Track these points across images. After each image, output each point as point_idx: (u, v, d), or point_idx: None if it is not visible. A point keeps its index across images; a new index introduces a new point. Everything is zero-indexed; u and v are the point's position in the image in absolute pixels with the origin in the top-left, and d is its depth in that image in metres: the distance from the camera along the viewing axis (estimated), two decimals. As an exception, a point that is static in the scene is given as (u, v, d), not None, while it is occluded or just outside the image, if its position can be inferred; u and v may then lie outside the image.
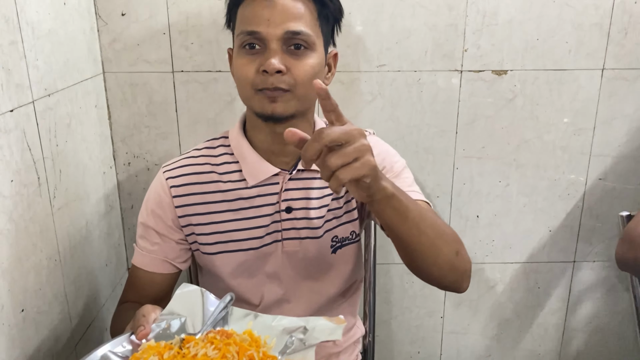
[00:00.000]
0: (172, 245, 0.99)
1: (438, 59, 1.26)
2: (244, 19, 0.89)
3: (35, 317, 0.93)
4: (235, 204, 0.97)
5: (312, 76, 0.89)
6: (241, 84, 0.91)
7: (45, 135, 0.96)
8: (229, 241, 0.98)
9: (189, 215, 0.97)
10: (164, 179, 0.98)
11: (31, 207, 0.92)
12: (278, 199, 0.97)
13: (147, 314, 0.77)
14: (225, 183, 0.97)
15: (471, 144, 1.32)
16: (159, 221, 0.98)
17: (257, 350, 0.73)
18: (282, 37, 0.86)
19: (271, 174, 0.96)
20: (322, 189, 0.99)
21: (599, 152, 1.34)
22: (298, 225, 0.98)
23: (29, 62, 0.91)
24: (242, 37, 0.88)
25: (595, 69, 1.27)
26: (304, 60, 0.88)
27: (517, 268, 1.44)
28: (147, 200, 1.00)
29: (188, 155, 1.01)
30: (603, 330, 1.50)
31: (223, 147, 1.00)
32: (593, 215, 1.39)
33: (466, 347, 1.51)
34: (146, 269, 1.00)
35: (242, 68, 0.89)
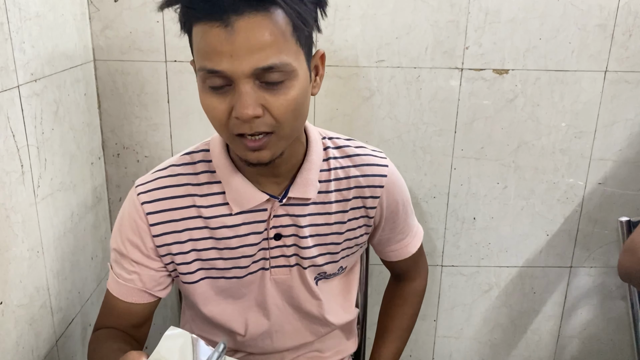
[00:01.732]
0: (150, 274, 0.88)
1: (438, 56, 1.23)
2: (201, 51, 0.71)
3: (15, 311, 0.90)
4: (218, 232, 0.86)
5: (295, 109, 0.73)
6: (215, 126, 0.76)
7: (30, 121, 0.93)
8: (211, 268, 0.89)
9: (167, 244, 0.86)
10: (139, 204, 0.85)
11: (13, 196, 0.88)
12: (266, 227, 0.87)
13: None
14: (207, 209, 0.85)
15: (470, 144, 1.30)
16: (135, 250, 0.86)
17: None
18: (252, 74, 0.69)
19: (259, 202, 0.84)
20: (314, 215, 0.89)
21: (600, 156, 1.31)
22: (288, 253, 0.90)
23: (14, 45, 0.88)
24: (204, 74, 0.71)
25: (598, 71, 1.25)
26: (285, 95, 0.71)
27: (513, 272, 1.41)
28: (120, 225, 0.87)
29: (165, 173, 0.87)
30: (598, 338, 1.48)
31: (204, 164, 0.86)
32: (591, 220, 1.37)
33: (459, 352, 1.49)
34: (123, 299, 0.89)
35: (212, 111, 0.73)
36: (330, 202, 0.89)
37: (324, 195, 0.88)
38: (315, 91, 0.80)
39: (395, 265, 1.05)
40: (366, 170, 0.90)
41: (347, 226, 0.91)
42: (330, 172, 0.89)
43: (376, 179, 0.90)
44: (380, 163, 0.92)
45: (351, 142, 0.92)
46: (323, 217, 0.89)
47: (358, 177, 0.90)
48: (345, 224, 0.91)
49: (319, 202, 0.88)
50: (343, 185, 0.89)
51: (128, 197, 0.87)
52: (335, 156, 0.90)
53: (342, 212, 0.90)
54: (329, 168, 0.89)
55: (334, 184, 0.89)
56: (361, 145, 0.93)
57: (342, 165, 0.90)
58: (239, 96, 0.70)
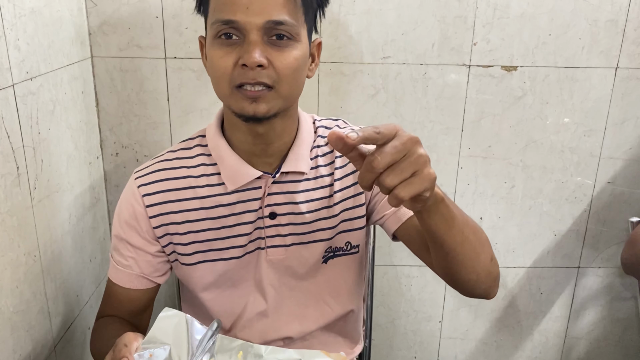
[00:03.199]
0: (148, 259, 0.91)
1: (445, 53, 1.20)
2: (218, 5, 0.79)
3: (12, 317, 0.87)
4: (214, 211, 0.89)
5: (297, 70, 0.80)
6: (217, 79, 0.81)
7: (26, 121, 0.90)
8: (208, 250, 0.91)
9: (164, 224, 0.89)
10: (135, 187, 0.89)
11: (9, 199, 0.85)
12: (261, 205, 0.89)
13: (129, 343, 0.70)
14: (203, 188, 0.89)
15: (477, 142, 1.27)
16: (133, 233, 0.90)
17: None
18: (263, 27, 0.76)
19: (252, 178, 0.87)
20: (308, 191, 0.91)
21: (609, 154, 1.29)
22: (283, 232, 0.91)
23: (8, 42, 0.85)
24: (217, 26, 0.78)
25: (609, 68, 1.22)
26: (288, 53, 0.79)
27: (520, 273, 1.39)
28: (118, 210, 0.91)
29: (161, 158, 0.92)
30: (606, 339, 1.46)
31: (200, 147, 0.91)
32: (600, 220, 1.34)
33: (464, 353, 1.47)
34: (122, 285, 0.92)
35: (218, 61, 0.79)
36: (323, 175, 0.92)
37: (315, 170, 0.91)
38: (311, 74, 0.87)
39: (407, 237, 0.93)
40: None
41: (339, 196, 0.92)
42: (318, 149, 0.92)
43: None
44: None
45: (338, 121, 0.97)
46: (318, 192, 0.91)
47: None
48: (336, 195, 0.92)
49: (312, 177, 0.91)
50: (328, 159, 0.93)
51: (126, 186, 0.92)
52: (320, 134, 0.94)
53: (330, 185, 0.92)
54: (317, 145, 0.93)
55: (320, 159, 0.92)
56: (344, 121, 0.97)
57: (326, 142, 0.93)
58: (248, 45, 0.77)
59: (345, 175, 0.93)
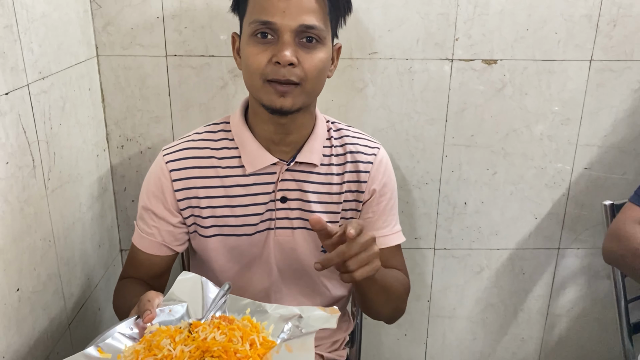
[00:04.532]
0: (169, 229, 1.01)
1: (429, 48, 1.27)
2: (257, 7, 0.88)
3: (30, 297, 0.95)
4: (232, 190, 0.99)
5: (321, 70, 0.90)
6: (250, 73, 0.90)
7: (39, 118, 0.98)
8: (224, 225, 1.00)
9: (188, 198, 0.99)
10: (163, 163, 0.99)
11: (26, 189, 0.93)
12: (274, 189, 0.99)
13: (152, 299, 0.80)
14: (224, 169, 0.99)
15: (460, 132, 1.34)
16: (158, 204, 1.00)
17: (258, 335, 0.77)
18: (296, 29, 0.86)
19: (269, 163, 0.97)
20: (317, 184, 1.00)
21: (586, 142, 1.36)
22: (291, 216, 1.00)
23: (23, 46, 0.92)
24: (255, 25, 0.88)
25: (584, 60, 1.29)
26: (315, 54, 0.89)
27: (503, 254, 1.47)
28: (147, 183, 1.01)
29: (188, 138, 1.02)
30: (585, 316, 1.54)
31: (223, 132, 1.01)
32: (578, 203, 1.42)
33: (452, 331, 1.55)
34: (145, 250, 1.02)
35: (254, 57, 0.88)
36: (332, 173, 1.01)
37: (326, 167, 1.01)
38: (330, 75, 0.97)
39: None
40: (361, 149, 1.03)
41: (344, 197, 1.02)
42: (332, 149, 1.02)
43: (369, 157, 1.03)
44: (374, 145, 1.05)
45: (350, 127, 1.07)
46: (326, 187, 1.01)
47: (354, 153, 1.02)
48: (343, 195, 1.02)
49: (322, 172, 1.00)
50: (341, 160, 1.02)
51: (155, 161, 1.02)
52: (335, 137, 1.03)
53: (340, 183, 1.02)
54: (330, 145, 1.02)
55: (334, 158, 1.01)
56: (358, 131, 1.07)
57: (341, 144, 1.03)
58: (282, 45, 0.87)
59: (352, 180, 1.02)
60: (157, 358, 0.72)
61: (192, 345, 0.74)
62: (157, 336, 0.76)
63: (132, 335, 0.80)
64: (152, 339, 0.75)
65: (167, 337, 0.75)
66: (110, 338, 0.78)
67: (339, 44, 0.99)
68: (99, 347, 0.76)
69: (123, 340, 0.78)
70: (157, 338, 0.75)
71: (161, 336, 0.76)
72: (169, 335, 0.76)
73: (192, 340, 0.75)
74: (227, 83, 1.27)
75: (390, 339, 1.55)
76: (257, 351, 0.75)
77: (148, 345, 0.75)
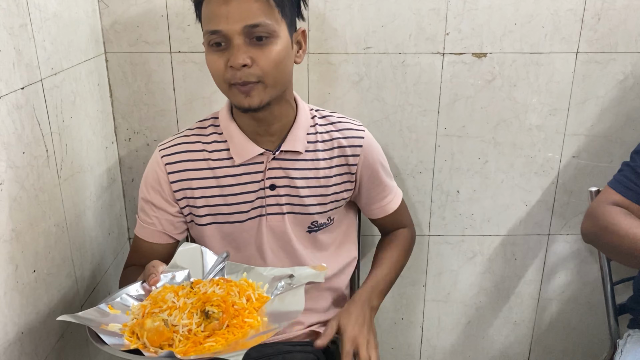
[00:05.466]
0: (168, 218, 1.08)
1: (421, 42, 1.33)
2: (206, 18, 0.94)
3: (46, 279, 1.02)
4: (224, 180, 1.06)
5: (279, 62, 0.93)
6: (215, 79, 0.97)
7: (52, 111, 1.04)
8: (217, 214, 1.07)
9: (183, 189, 1.06)
10: (159, 158, 1.07)
11: (40, 178, 1.00)
12: (263, 177, 1.05)
13: (156, 266, 0.89)
14: (215, 161, 1.05)
15: (452, 123, 1.40)
16: (156, 195, 1.07)
17: (253, 292, 0.85)
18: (242, 31, 0.90)
19: (256, 154, 1.04)
20: (304, 170, 1.07)
21: (573, 131, 1.41)
22: (281, 202, 1.07)
23: (37, 43, 0.99)
24: (208, 36, 0.93)
25: (570, 53, 1.34)
26: (269, 50, 0.92)
27: (495, 240, 1.53)
28: (145, 177, 1.09)
29: (181, 135, 1.09)
30: (575, 299, 1.59)
31: (213, 127, 1.08)
32: (567, 191, 1.47)
33: (447, 315, 1.61)
34: (146, 239, 1.09)
35: (213, 65, 0.94)
36: (318, 159, 1.07)
37: (312, 153, 1.06)
38: (299, 60, 1.01)
39: (383, 222, 1.21)
40: (347, 133, 1.09)
41: (333, 180, 1.09)
42: (317, 135, 1.07)
43: (355, 140, 1.09)
44: (358, 128, 1.11)
45: (334, 113, 1.13)
46: (312, 172, 1.07)
47: (340, 139, 1.08)
48: (331, 179, 1.08)
49: (309, 158, 1.06)
50: (328, 145, 1.08)
51: (152, 157, 1.08)
52: (320, 123, 1.09)
53: (329, 168, 1.08)
54: (315, 132, 1.07)
55: (320, 144, 1.07)
56: (342, 115, 1.13)
57: (326, 130, 1.09)
58: (232, 49, 0.91)
59: (340, 164, 1.09)
60: (163, 309, 0.80)
61: (194, 298, 0.82)
62: (162, 292, 0.85)
63: (139, 297, 0.89)
64: (157, 295, 0.83)
65: (171, 292, 0.84)
66: (119, 298, 0.86)
67: (302, 28, 1.01)
68: (109, 304, 0.84)
69: (130, 301, 0.87)
70: (162, 293, 0.84)
71: (166, 292, 0.84)
72: (172, 290, 0.85)
73: (194, 294, 0.83)
74: (228, 77, 1.33)
75: (387, 323, 1.61)
76: (253, 304, 0.83)
77: (154, 300, 0.83)
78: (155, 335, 0.77)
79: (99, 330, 0.78)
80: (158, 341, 0.77)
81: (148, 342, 0.77)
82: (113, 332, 0.79)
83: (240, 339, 0.78)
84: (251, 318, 0.81)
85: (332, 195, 1.10)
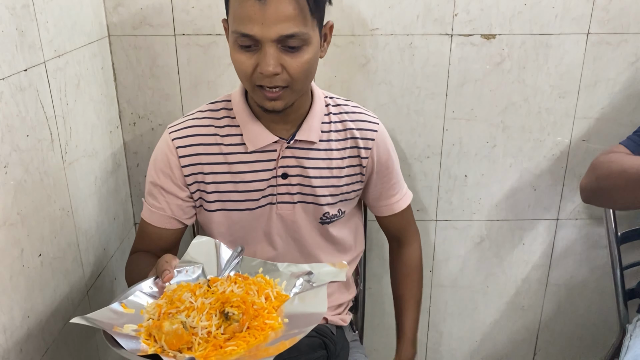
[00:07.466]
0: (178, 203, 1.05)
1: (429, 24, 1.30)
2: (237, 17, 0.88)
3: (52, 262, 1.01)
4: (235, 166, 1.03)
5: (308, 69, 0.92)
6: (240, 77, 0.94)
7: (56, 94, 1.03)
8: (227, 201, 1.05)
9: (194, 173, 1.03)
10: (170, 140, 1.03)
11: (45, 161, 0.99)
12: (275, 166, 1.03)
13: (169, 261, 0.86)
14: (227, 146, 1.03)
15: (460, 106, 1.38)
16: (167, 179, 1.04)
17: (272, 289, 0.83)
18: (277, 39, 0.87)
19: (270, 142, 1.01)
20: (317, 159, 1.04)
21: (583, 114, 1.40)
22: (292, 191, 1.05)
23: (40, 25, 0.97)
24: (237, 36, 0.89)
25: (581, 34, 1.32)
26: (300, 57, 0.89)
27: (504, 225, 1.51)
28: (154, 160, 1.05)
29: (192, 117, 1.06)
30: (583, 285, 1.58)
31: (225, 111, 1.05)
32: (576, 175, 1.45)
33: (454, 300, 1.60)
34: (155, 224, 1.07)
35: (240, 65, 0.91)
36: (332, 149, 1.05)
37: (325, 143, 1.04)
38: (323, 54, 0.98)
39: (389, 223, 1.19)
40: (360, 125, 1.07)
41: (345, 171, 1.07)
42: (331, 125, 1.05)
43: (369, 133, 1.07)
44: (373, 120, 1.09)
45: (349, 102, 1.10)
46: (326, 162, 1.05)
47: (353, 130, 1.06)
48: (344, 169, 1.07)
49: (322, 148, 1.04)
50: (341, 135, 1.06)
51: (161, 139, 1.04)
52: (334, 112, 1.06)
53: (341, 158, 1.06)
54: (329, 121, 1.05)
55: (333, 134, 1.05)
56: (357, 105, 1.10)
57: (340, 119, 1.07)
58: (264, 56, 0.88)
59: (353, 155, 1.07)
60: (180, 310, 0.78)
61: (212, 298, 0.80)
62: (178, 291, 0.82)
63: (152, 294, 0.86)
64: (172, 294, 0.81)
65: (187, 291, 0.81)
66: (132, 295, 0.84)
67: (330, 22, 0.97)
68: (123, 303, 0.82)
69: (144, 298, 0.84)
70: (178, 293, 0.81)
71: (182, 291, 0.82)
72: (189, 289, 0.82)
73: (212, 294, 0.81)
74: (233, 61, 1.32)
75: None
76: (272, 304, 0.81)
77: (169, 300, 0.81)
78: (174, 339, 0.74)
79: (114, 333, 0.74)
80: (177, 345, 0.74)
81: (166, 345, 0.74)
82: (128, 335, 0.76)
83: (262, 342, 0.75)
84: (272, 319, 0.78)
85: (344, 186, 1.08)
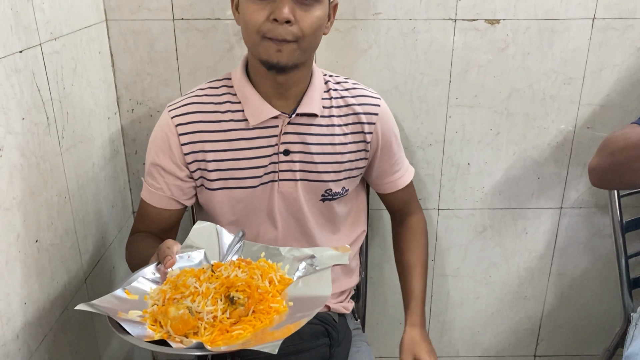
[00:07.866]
0: (177, 183, 1.04)
1: (433, 8, 1.28)
2: None
3: (49, 249, 1.00)
4: (237, 143, 1.02)
5: (318, 28, 0.93)
6: (248, 29, 0.93)
7: (52, 77, 1.01)
8: (229, 178, 1.04)
9: (194, 152, 1.02)
10: (169, 119, 1.02)
11: (41, 146, 0.97)
12: (277, 142, 1.02)
13: (171, 246, 0.85)
14: (228, 122, 1.02)
15: (464, 93, 1.36)
16: (166, 159, 1.03)
17: (275, 273, 0.82)
18: None
19: (271, 116, 1.01)
20: (319, 135, 1.04)
21: (588, 101, 1.38)
22: (294, 168, 1.04)
23: (35, 5, 0.95)
24: None
25: (586, 19, 1.30)
26: (312, 12, 0.91)
27: (507, 214, 1.50)
28: (154, 139, 1.05)
29: (192, 95, 1.05)
30: (587, 274, 1.57)
31: (226, 88, 1.05)
32: (581, 163, 1.44)
33: (456, 289, 1.59)
34: (154, 204, 1.06)
35: (252, 14, 0.91)
36: (334, 124, 1.04)
37: (327, 118, 1.04)
38: (327, 32, 0.99)
39: (393, 199, 1.18)
40: (362, 100, 1.07)
41: (348, 147, 1.06)
42: (332, 100, 1.05)
43: (371, 108, 1.07)
44: (375, 96, 1.09)
45: (348, 79, 1.10)
46: (328, 137, 1.04)
47: (355, 105, 1.06)
48: (347, 145, 1.06)
49: (324, 124, 1.04)
50: (343, 112, 1.06)
51: (160, 118, 1.03)
52: (335, 88, 1.06)
53: (344, 134, 1.05)
54: (330, 97, 1.05)
55: (335, 110, 1.05)
56: (357, 82, 1.10)
57: (341, 95, 1.06)
58: (280, 2, 0.89)
59: (356, 132, 1.06)
60: (185, 295, 0.77)
61: (217, 282, 0.79)
62: (182, 277, 0.81)
63: (155, 280, 0.85)
64: (177, 280, 0.80)
65: (192, 277, 0.80)
66: (135, 282, 0.83)
67: (336, 1, 1.00)
68: (126, 289, 0.81)
69: (147, 284, 0.84)
70: (182, 278, 0.81)
71: (186, 276, 0.81)
72: (193, 274, 0.81)
73: (216, 279, 0.80)
74: (233, 46, 1.30)
75: (396, 297, 1.58)
76: (276, 287, 0.80)
77: (174, 285, 0.80)
78: (180, 324, 0.74)
79: (120, 319, 0.74)
80: (183, 330, 0.74)
81: (172, 330, 0.74)
82: (134, 320, 0.76)
83: (267, 326, 0.75)
84: (276, 303, 0.79)
85: (347, 163, 1.07)
